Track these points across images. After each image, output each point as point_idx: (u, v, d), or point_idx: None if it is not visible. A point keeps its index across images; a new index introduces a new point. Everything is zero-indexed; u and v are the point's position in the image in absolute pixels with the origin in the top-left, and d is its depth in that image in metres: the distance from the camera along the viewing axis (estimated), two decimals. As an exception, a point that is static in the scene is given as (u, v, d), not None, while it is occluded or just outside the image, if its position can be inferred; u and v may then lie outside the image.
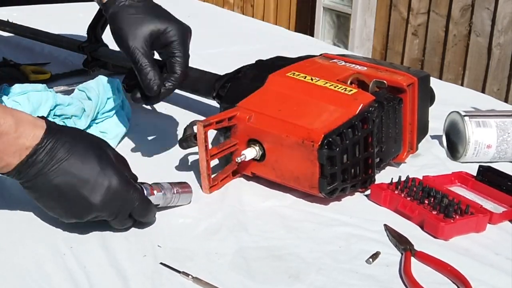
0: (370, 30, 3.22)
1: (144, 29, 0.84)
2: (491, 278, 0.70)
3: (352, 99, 0.86)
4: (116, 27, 0.85)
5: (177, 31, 0.85)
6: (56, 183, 0.70)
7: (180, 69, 0.85)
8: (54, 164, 0.70)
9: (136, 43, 0.83)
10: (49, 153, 0.69)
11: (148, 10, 0.85)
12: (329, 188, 0.81)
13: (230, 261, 0.71)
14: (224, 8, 3.45)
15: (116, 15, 0.85)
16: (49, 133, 0.70)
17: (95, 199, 0.71)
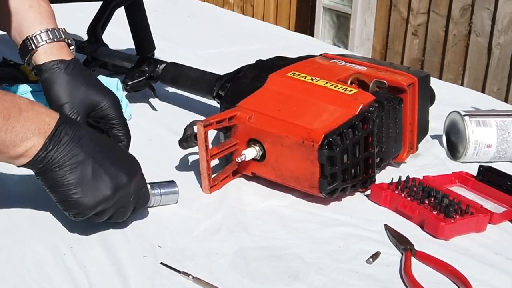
0: (370, 30, 3.22)
1: (81, 100, 0.82)
2: (491, 278, 0.70)
3: (352, 99, 0.86)
4: (53, 95, 0.83)
5: (110, 104, 0.83)
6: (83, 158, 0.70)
7: (123, 136, 0.84)
8: (79, 138, 0.70)
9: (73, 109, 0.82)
10: (71, 127, 0.70)
11: (84, 80, 0.83)
12: (329, 188, 0.81)
13: (230, 261, 0.71)
14: (224, 8, 3.45)
15: (54, 81, 0.83)
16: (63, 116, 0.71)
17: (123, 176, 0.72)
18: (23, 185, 0.84)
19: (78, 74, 0.84)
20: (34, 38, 0.83)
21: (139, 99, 1.15)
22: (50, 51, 0.83)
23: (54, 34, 0.84)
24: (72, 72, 0.83)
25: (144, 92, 1.11)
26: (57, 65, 0.83)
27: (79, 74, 0.84)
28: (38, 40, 0.83)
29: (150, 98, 1.16)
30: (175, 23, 0.92)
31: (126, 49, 1.30)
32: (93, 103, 0.83)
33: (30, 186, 0.84)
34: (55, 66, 0.83)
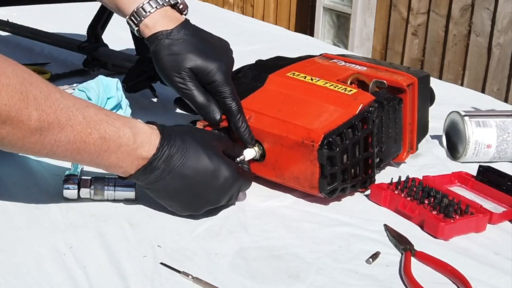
0: (370, 30, 3.22)
1: (186, 66, 0.84)
2: (491, 278, 0.70)
3: (352, 99, 0.86)
4: (160, 65, 0.86)
5: (217, 69, 0.85)
6: (175, 187, 0.75)
7: (233, 102, 0.85)
8: (171, 170, 0.74)
9: (183, 80, 0.84)
10: (166, 160, 0.74)
11: (188, 47, 0.85)
12: (329, 188, 0.81)
13: (230, 261, 0.71)
14: (224, 8, 3.45)
15: (158, 53, 0.85)
16: (163, 141, 0.74)
17: (211, 197, 0.77)
18: (23, 185, 0.84)
19: (183, 41, 0.85)
20: (133, 16, 0.86)
21: (139, 99, 1.15)
22: (151, 23, 0.86)
23: (153, 4, 0.86)
24: (177, 41, 0.85)
25: (144, 92, 1.11)
26: (159, 38, 0.85)
27: (185, 41, 0.85)
28: (137, 18, 0.86)
29: (150, 98, 1.16)
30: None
31: (126, 49, 1.29)
32: (199, 69, 0.84)
33: (30, 186, 0.84)
34: (156, 39, 0.85)
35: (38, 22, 1.50)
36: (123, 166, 0.74)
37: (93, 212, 0.79)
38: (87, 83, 1.01)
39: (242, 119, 0.84)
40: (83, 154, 0.70)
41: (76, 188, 0.80)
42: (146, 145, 0.73)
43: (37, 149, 0.68)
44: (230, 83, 0.86)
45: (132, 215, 0.79)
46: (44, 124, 0.66)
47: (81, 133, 0.69)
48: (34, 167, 0.88)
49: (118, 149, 0.72)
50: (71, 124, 0.68)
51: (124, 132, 0.72)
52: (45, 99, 0.66)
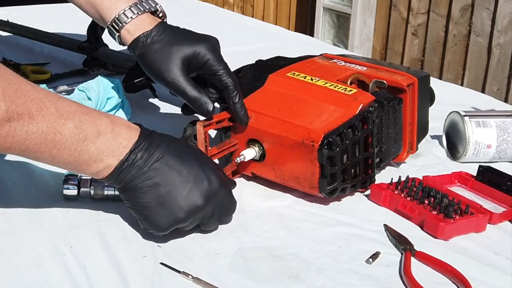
0: (370, 30, 3.22)
1: (175, 59, 0.84)
2: (491, 278, 0.70)
3: (352, 99, 0.86)
4: (148, 66, 0.86)
5: (206, 50, 0.85)
6: (157, 181, 0.71)
7: (228, 79, 0.85)
8: (153, 162, 0.71)
9: (173, 75, 0.84)
10: (147, 151, 0.71)
11: (171, 39, 0.86)
12: (329, 188, 0.81)
13: (230, 261, 0.71)
14: (224, 8, 3.45)
15: (144, 55, 0.86)
16: (143, 134, 0.72)
17: (197, 197, 0.72)
18: (23, 185, 0.84)
19: (165, 37, 0.86)
20: (114, 22, 0.87)
21: (139, 99, 1.15)
22: (132, 28, 0.87)
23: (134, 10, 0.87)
24: (158, 38, 0.85)
25: (144, 92, 1.11)
26: (141, 40, 0.86)
27: (166, 36, 0.86)
28: (118, 24, 0.87)
29: (150, 98, 1.16)
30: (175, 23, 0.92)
31: (126, 49, 1.29)
32: (188, 57, 0.84)
33: (30, 186, 0.84)
34: (139, 42, 0.86)
35: (38, 22, 1.50)
36: (104, 159, 0.69)
37: (93, 212, 0.79)
38: (87, 83, 1.01)
39: (238, 95, 0.85)
40: (59, 147, 0.67)
41: (76, 188, 0.80)
42: (126, 134, 0.70)
43: (8, 142, 0.64)
44: (222, 61, 0.86)
45: (132, 215, 0.78)
46: (13, 115, 0.63)
47: (55, 124, 0.66)
48: (34, 167, 0.88)
49: (97, 138, 0.68)
50: (42, 114, 0.65)
51: (101, 121, 0.69)
52: (14, 90, 0.64)
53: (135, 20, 0.87)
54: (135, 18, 0.87)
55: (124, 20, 0.87)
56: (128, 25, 0.87)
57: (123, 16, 0.86)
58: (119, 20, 0.87)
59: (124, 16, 0.86)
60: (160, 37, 0.86)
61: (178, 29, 0.89)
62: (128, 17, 0.86)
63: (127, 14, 0.86)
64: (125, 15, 0.86)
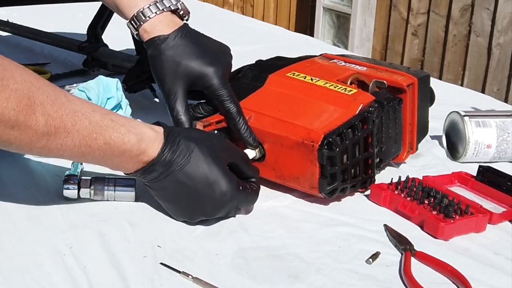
0: (370, 30, 3.23)
1: (180, 74, 0.85)
2: (491, 278, 0.70)
3: (352, 99, 0.86)
4: (154, 69, 0.87)
5: (213, 74, 0.85)
6: (171, 190, 0.76)
7: (232, 105, 0.85)
8: (169, 174, 0.74)
9: (172, 87, 0.85)
10: (166, 165, 0.74)
11: (184, 53, 0.86)
12: (329, 188, 0.81)
13: (230, 261, 0.71)
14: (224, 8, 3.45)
15: (154, 58, 0.87)
16: (165, 146, 0.74)
17: (205, 208, 0.76)
18: (23, 185, 0.84)
19: (180, 47, 0.86)
20: (133, 20, 0.87)
21: (139, 99, 1.15)
22: (150, 28, 0.87)
23: (153, 9, 0.87)
24: (173, 47, 0.86)
25: (144, 92, 1.11)
26: (156, 43, 0.86)
27: (181, 47, 0.86)
28: (137, 22, 0.87)
29: (150, 98, 1.16)
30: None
31: (126, 49, 1.29)
32: (194, 76, 0.85)
33: (30, 186, 0.84)
34: (154, 44, 0.86)
35: (38, 22, 1.50)
36: (125, 167, 0.75)
37: (93, 212, 0.79)
38: (87, 83, 1.01)
39: (242, 121, 0.85)
40: (87, 157, 0.72)
41: (76, 188, 0.80)
42: (149, 150, 0.74)
43: (43, 153, 0.69)
44: (227, 87, 0.86)
45: (132, 215, 0.79)
46: (51, 129, 0.66)
47: (87, 138, 0.69)
48: (34, 167, 0.88)
49: (122, 154, 0.73)
50: (77, 129, 0.68)
51: (129, 138, 0.72)
52: (51, 104, 0.67)
53: (153, 20, 0.87)
54: (152, 18, 0.87)
55: (142, 20, 0.87)
56: (146, 24, 0.87)
57: (141, 16, 0.87)
58: (137, 18, 0.87)
59: (142, 16, 0.87)
60: (174, 45, 0.86)
61: (196, 39, 0.88)
62: (146, 16, 0.87)
63: (145, 13, 0.86)
64: (143, 14, 0.87)
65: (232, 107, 0.85)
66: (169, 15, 0.88)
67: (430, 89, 1.00)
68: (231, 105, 0.85)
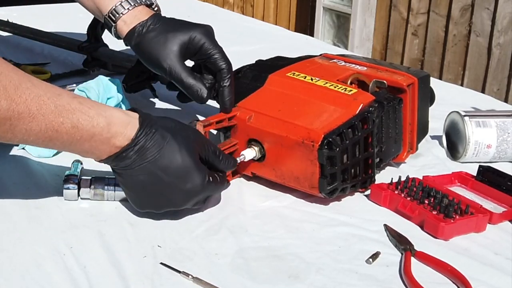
0: (370, 30, 3.23)
1: (171, 45, 0.86)
2: (491, 278, 0.70)
3: (352, 99, 0.86)
4: (145, 54, 0.88)
5: (201, 34, 0.87)
6: (141, 179, 0.74)
7: (223, 62, 0.86)
8: (141, 163, 0.74)
9: (169, 61, 0.86)
10: (138, 151, 0.73)
11: (166, 27, 0.88)
12: (329, 188, 0.81)
13: (230, 261, 0.71)
14: (224, 8, 3.45)
15: (139, 44, 0.88)
16: (140, 132, 0.73)
17: (175, 199, 0.76)
18: (23, 185, 0.84)
19: (160, 26, 0.88)
20: (111, 13, 0.89)
21: (139, 99, 1.15)
22: (129, 19, 0.89)
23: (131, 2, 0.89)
24: (154, 27, 0.87)
25: (144, 92, 1.11)
26: (137, 30, 0.88)
27: (162, 25, 0.88)
28: (115, 15, 0.89)
29: (150, 98, 1.16)
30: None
31: (126, 49, 1.29)
32: (184, 43, 0.86)
33: (30, 186, 0.84)
34: (135, 32, 0.88)
35: (38, 22, 1.50)
36: (96, 152, 0.73)
37: (93, 212, 0.79)
38: (87, 83, 1.01)
39: (229, 80, 0.86)
40: (55, 142, 0.70)
41: (76, 188, 0.80)
42: (120, 135, 0.72)
43: (8, 138, 0.68)
44: (217, 45, 0.88)
45: (132, 215, 0.79)
46: (14, 113, 0.65)
47: (53, 122, 0.68)
48: (34, 167, 0.88)
49: (91, 138, 0.71)
50: (42, 113, 0.67)
51: (98, 121, 0.71)
52: (15, 88, 0.65)
53: (131, 11, 0.89)
54: (131, 10, 0.89)
55: (121, 11, 0.89)
56: (125, 16, 0.89)
57: (120, 7, 0.89)
58: (116, 11, 0.89)
59: (121, 7, 0.89)
60: (155, 26, 0.88)
61: (173, 18, 0.91)
62: (125, 8, 0.89)
63: (123, 5, 0.89)
64: (122, 6, 0.89)
65: (224, 64, 0.86)
66: (145, 8, 0.90)
67: (430, 89, 1.00)
68: (222, 62, 0.86)
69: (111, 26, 0.90)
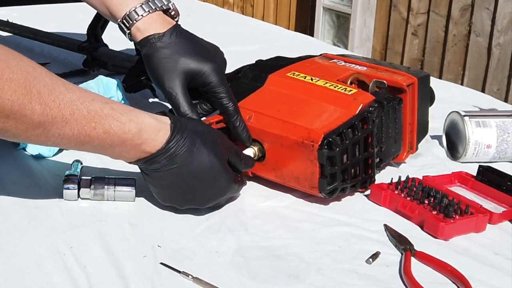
0: (370, 30, 3.23)
1: (179, 71, 0.85)
2: (491, 278, 0.70)
3: (352, 99, 0.86)
4: (152, 69, 0.86)
5: (212, 71, 0.85)
6: (169, 181, 0.76)
7: (229, 103, 0.85)
8: (171, 167, 0.75)
9: (172, 85, 0.85)
10: (169, 157, 0.74)
11: (181, 50, 0.86)
12: (329, 188, 0.81)
13: (230, 261, 0.71)
14: (224, 8, 3.45)
15: (150, 57, 0.86)
16: (172, 138, 0.74)
17: (201, 199, 0.78)
18: (23, 185, 0.84)
19: (176, 45, 0.86)
20: (125, 19, 0.87)
21: (139, 99, 1.15)
22: (143, 26, 0.87)
23: (145, 8, 0.87)
24: (169, 44, 0.85)
25: (144, 92, 1.11)
26: (151, 41, 0.86)
27: (177, 44, 0.86)
28: (129, 21, 0.87)
29: (150, 98, 1.16)
30: (175, 23, 0.94)
31: (126, 49, 1.29)
32: (192, 73, 0.85)
33: (30, 186, 0.84)
34: (148, 42, 0.86)
35: (38, 22, 1.50)
36: (126, 156, 0.75)
37: (93, 212, 0.79)
38: (87, 83, 1.01)
39: (239, 119, 0.85)
40: (86, 146, 0.71)
41: (76, 188, 0.80)
42: (152, 141, 0.73)
43: (41, 141, 0.69)
44: (225, 84, 0.86)
45: (132, 215, 0.79)
46: (48, 118, 0.66)
47: (85, 127, 0.69)
48: (34, 167, 0.88)
49: (122, 144, 0.72)
50: (75, 118, 0.68)
51: (129, 127, 0.72)
52: (49, 93, 0.67)
53: (146, 18, 0.86)
54: (145, 16, 0.86)
55: (135, 18, 0.86)
56: (139, 23, 0.86)
57: (134, 14, 0.86)
58: (129, 17, 0.87)
59: (135, 14, 0.86)
60: (170, 44, 0.85)
61: (191, 38, 0.88)
62: (139, 14, 0.86)
63: (137, 11, 0.86)
64: (136, 12, 0.86)
65: (231, 105, 0.85)
66: (161, 14, 0.88)
67: (430, 89, 1.00)
68: (229, 103, 0.85)
69: (125, 32, 0.88)
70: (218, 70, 0.86)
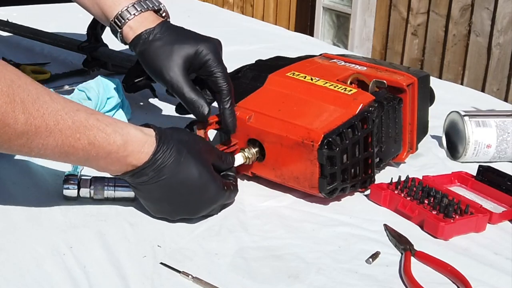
0: (369, 30, 3.22)
1: (176, 57, 0.84)
2: (491, 278, 0.70)
3: (352, 99, 0.86)
4: (149, 63, 0.86)
5: (208, 49, 0.85)
6: (158, 194, 0.75)
7: (224, 83, 0.85)
8: (159, 179, 0.74)
9: (173, 73, 0.84)
10: (156, 169, 0.73)
11: (174, 38, 0.85)
12: (329, 188, 0.81)
13: (230, 261, 0.71)
14: (224, 8, 3.45)
15: (145, 52, 0.85)
16: (158, 149, 0.73)
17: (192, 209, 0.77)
18: (23, 185, 0.84)
19: (167, 35, 0.85)
20: (117, 19, 0.87)
21: (139, 99, 1.15)
22: (135, 25, 0.87)
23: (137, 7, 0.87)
24: (161, 36, 0.85)
25: (144, 92, 1.11)
26: (143, 37, 0.85)
27: (169, 34, 0.86)
28: (121, 20, 0.87)
29: (150, 98, 1.16)
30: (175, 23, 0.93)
31: (126, 49, 1.29)
32: (190, 56, 0.84)
33: (30, 186, 0.84)
34: (140, 39, 0.86)
35: (38, 22, 1.50)
36: (111, 169, 0.73)
37: (93, 212, 0.79)
38: (87, 83, 1.01)
39: (230, 102, 0.84)
40: (71, 157, 0.70)
41: (76, 188, 0.80)
42: (137, 154, 0.72)
43: (24, 151, 0.67)
44: (221, 64, 0.86)
45: (132, 215, 0.79)
46: (31, 127, 0.65)
47: (70, 138, 0.67)
48: (34, 167, 0.88)
49: (107, 156, 0.71)
50: (59, 128, 0.67)
51: (114, 139, 0.70)
52: (33, 102, 0.65)
53: (137, 17, 0.87)
54: (138, 15, 0.87)
55: (127, 17, 0.86)
56: (131, 21, 0.86)
57: (126, 13, 0.86)
58: (122, 16, 0.87)
59: (127, 13, 0.86)
60: (162, 35, 0.85)
61: (181, 28, 0.88)
62: (131, 13, 0.86)
63: (130, 10, 0.87)
64: (128, 11, 0.86)
65: (225, 85, 0.84)
66: (153, 14, 0.88)
67: (430, 88, 1.00)
68: (223, 83, 0.84)
69: (117, 32, 0.88)
70: (213, 49, 0.85)
